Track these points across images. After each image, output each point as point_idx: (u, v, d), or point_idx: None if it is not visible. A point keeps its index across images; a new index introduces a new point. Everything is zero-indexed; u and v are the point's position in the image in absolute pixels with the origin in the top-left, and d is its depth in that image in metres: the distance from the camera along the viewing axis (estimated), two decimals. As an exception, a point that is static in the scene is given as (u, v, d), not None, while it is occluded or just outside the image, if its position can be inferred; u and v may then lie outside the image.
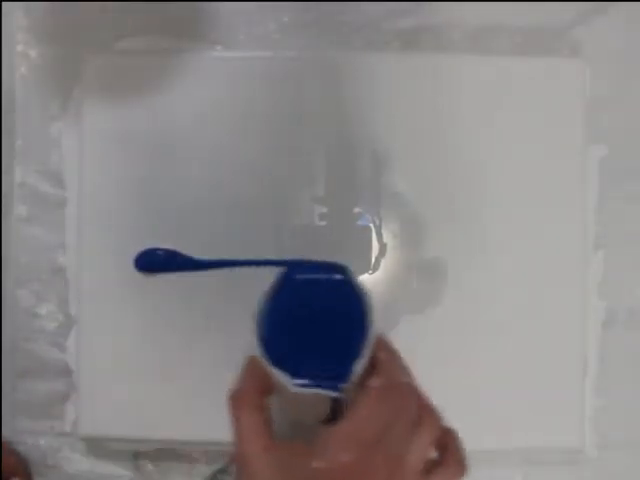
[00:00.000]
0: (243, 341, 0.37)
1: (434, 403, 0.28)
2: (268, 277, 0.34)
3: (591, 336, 0.39)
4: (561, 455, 0.39)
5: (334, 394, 0.27)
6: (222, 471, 0.37)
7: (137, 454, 0.39)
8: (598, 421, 0.39)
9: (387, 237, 0.38)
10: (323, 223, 0.38)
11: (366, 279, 0.38)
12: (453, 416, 0.27)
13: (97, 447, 0.39)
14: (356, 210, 0.38)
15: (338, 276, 0.29)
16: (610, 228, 0.39)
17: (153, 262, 0.38)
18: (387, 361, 0.28)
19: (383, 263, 0.38)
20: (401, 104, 0.38)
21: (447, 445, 0.27)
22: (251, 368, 0.29)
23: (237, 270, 0.38)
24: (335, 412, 0.28)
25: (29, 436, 0.39)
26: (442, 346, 0.38)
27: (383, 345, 0.29)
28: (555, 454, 0.39)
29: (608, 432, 0.39)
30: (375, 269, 0.38)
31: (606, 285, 0.39)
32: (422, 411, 0.27)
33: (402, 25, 0.39)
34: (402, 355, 0.29)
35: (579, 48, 0.39)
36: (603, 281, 0.39)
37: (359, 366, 0.27)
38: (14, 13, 0.40)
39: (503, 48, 0.39)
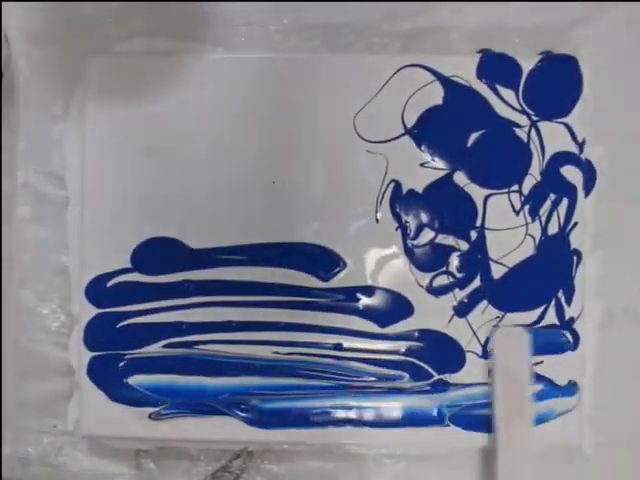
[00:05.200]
0: (243, 338, 0.38)
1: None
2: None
3: (589, 336, 0.39)
4: (559, 453, 0.39)
5: None
6: (223, 470, 0.38)
7: (138, 453, 0.39)
8: (596, 420, 0.39)
9: (387, 237, 0.38)
10: (322, 223, 0.38)
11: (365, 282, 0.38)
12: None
13: (99, 446, 0.39)
14: (355, 211, 0.38)
15: None
16: (609, 228, 0.40)
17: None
18: None
19: (383, 264, 0.38)
20: (401, 105, 0.38)
21: None
22: None
23: (238, 269, 0.38)
24: None
25: (31, 435, 0.40)
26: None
27: None
28: (553, 452, 0.39)
29: (606, 431, 0.39)
30: (375, 271, 0.38)
31: (604, 285, 0.39)
32: None
33: (402, 27, 0.39)
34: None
35: (579, 48, 0.39)
36: (601, 281, 0.39)
37: None
38: (14, 13, 0.40)
39: (503, 48, 0.39)
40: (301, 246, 0.38)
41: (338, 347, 0.38)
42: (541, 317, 0.38)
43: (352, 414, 0.38)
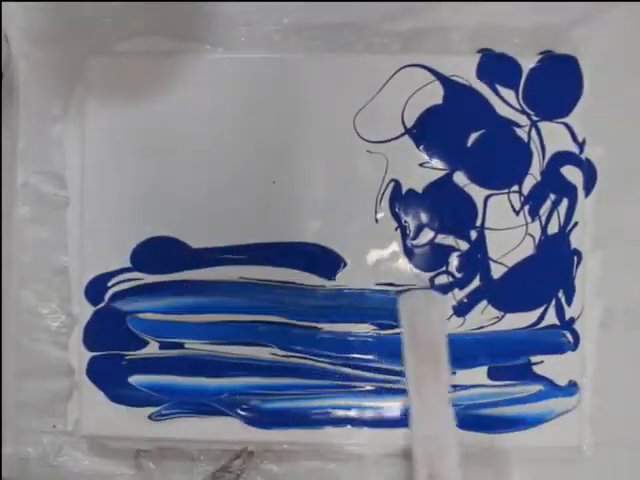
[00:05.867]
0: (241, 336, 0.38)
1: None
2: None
3: (589, 336, 0.39)
4: (559, 453, 0.39)
5: None
6: (223, 470, 0.38)
7: (138, 453, 0.39)
8: (596, 420, 0.39)
9: (386, 237, 0.38)
10: (322, 223, 0.38)
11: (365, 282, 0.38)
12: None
13: (99, 446, 0.39)
14: (355, 211, 0.38)
15: None
16: (609, 228, 0.40)
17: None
18: None
19: (383, 264, 0.38)
20: (401, 105, 0.38)
21: None
22: None
23: (238, 269, 0.38)
24: None
25: (31, 435, 0.40)
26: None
27: None
28: (553, 452, 0.39)
29: (606, 431, 0.39)
30: (375, 273, 0.38)
31: (604, 285, 0.39)
32: None
33: (402, 27, 0.39)
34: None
35: (579, 48, 0.39)
36: (601, 281, 0.39)
37: None
38: (14, 13, 0.40)
39: (503, 48, 0.39)
40: (301, 246, 0.38)
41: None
42: (541, 317, 0.38)
43: (352, 414, 0.38)
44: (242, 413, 0.38)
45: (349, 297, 0.38)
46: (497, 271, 0.38)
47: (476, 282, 0.38)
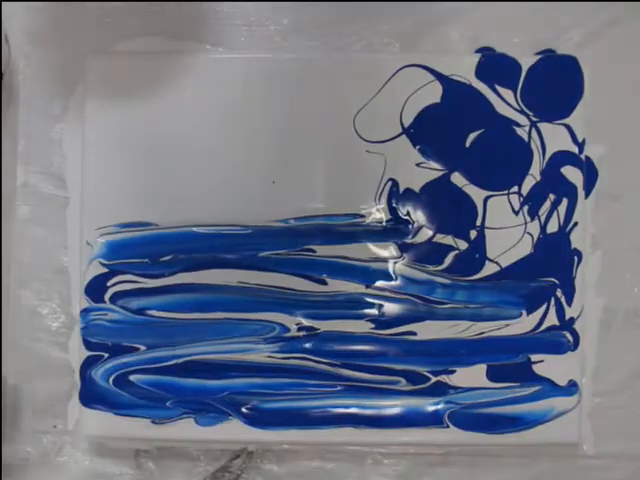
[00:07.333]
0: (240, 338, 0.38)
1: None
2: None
3: (589, 336, 0.39)
4: (559, 453, 0.39)
5: None
6: (223, 470, 0.38)
7: (138, 453, 0.39)
8: (596, 420, 0.39)
9: (385, 236, 0.38)
10: (322, 223, 0.38)
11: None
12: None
13: (99, 446, 0.40)
14: (354, 210, 0.38)
15: None
16: (609, 228, 0.40)
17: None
18: None
19: (382, 264, 0.38)
20: (400, 105, 0.38)
21: None
22: None
23: (237, 270, 0.38)
24: None
25: (31, 435, 0.40)
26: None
27: None
28: (553, 452, 0.39)
29: (606, 431, 0.39)
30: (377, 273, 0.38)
31: (604, 285, 0.39)
32: None
33: (402, 27, 0.39)
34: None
35: (579, 48, 0.39)
36: (601, 281, 0.39)
37: None
38: (14, 13, 0.40)
39: (503, 48, 0.39)
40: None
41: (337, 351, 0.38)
42: (542, 318, 0.38)
43: (352, 414, 0.38)
44: (242, 413, 0.38)
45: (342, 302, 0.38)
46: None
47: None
